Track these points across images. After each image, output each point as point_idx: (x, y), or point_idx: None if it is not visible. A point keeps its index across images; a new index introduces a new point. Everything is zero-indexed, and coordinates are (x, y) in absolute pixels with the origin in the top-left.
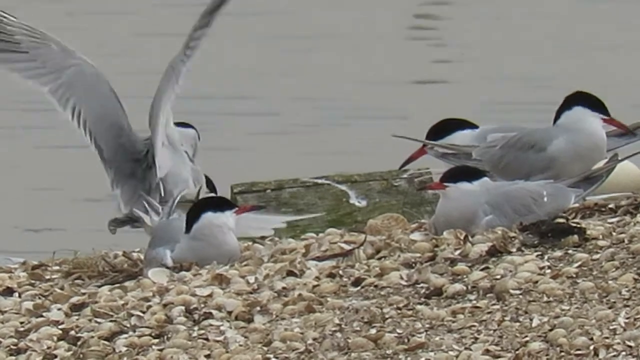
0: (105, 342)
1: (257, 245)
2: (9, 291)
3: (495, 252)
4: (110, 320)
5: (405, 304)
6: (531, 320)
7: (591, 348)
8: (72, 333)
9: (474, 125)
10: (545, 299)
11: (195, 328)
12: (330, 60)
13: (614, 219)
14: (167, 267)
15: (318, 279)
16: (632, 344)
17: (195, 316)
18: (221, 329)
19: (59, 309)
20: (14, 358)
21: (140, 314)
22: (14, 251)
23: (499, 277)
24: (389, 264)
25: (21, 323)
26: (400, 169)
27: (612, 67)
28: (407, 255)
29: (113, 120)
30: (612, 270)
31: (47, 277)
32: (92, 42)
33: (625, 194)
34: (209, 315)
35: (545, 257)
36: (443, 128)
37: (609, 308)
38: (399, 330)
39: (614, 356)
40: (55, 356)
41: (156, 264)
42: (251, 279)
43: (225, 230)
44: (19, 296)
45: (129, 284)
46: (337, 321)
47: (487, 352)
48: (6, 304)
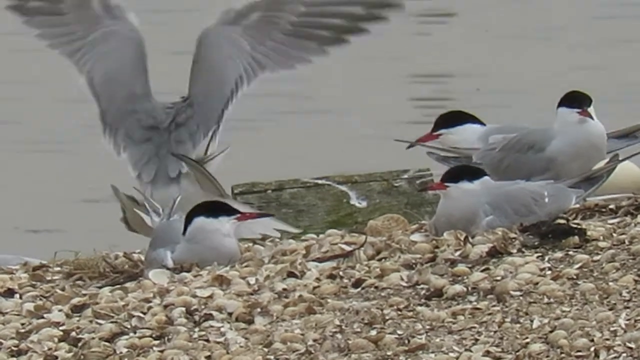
0: (106, 344)
1: (258, 247)
2: (10, 292)
3: (495, 253)
4: (111, 322)
5: (406, 305)
6: (532, 321)
7: (592, 349)
8: (73, 334)
9: (481, 122)
10: (546, 300)
11: (196, 329)
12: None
13: (615, 220)
14: (168, 269)
15: (318, 280)
16: (633, 345)
17: (196, 317)
18: (222, 330)
19: (60, 310)
20: (15, 359)
21: (141, 315)
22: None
23: (499, 279)
24: (389, 265)
25: (22, 324)
26: (409, 148)
27: None
28: (408, 256)
29: (125, 85)
30: (613, 272)
31: (48, 279)
32: None
33: (625, 194)
34: (209, 317)
35: (546, 258)
36: (454, 118)
37: (610, 309)
38: (400, 332)
39: (615, 358)
40: (56, 357)
41: (157, 265)
42: (252, 280)
43: (219, 235)
44: (20, 297)
45: (129, 285)
46: (338, 322)
47: (488, 354)
48: (7, 305)
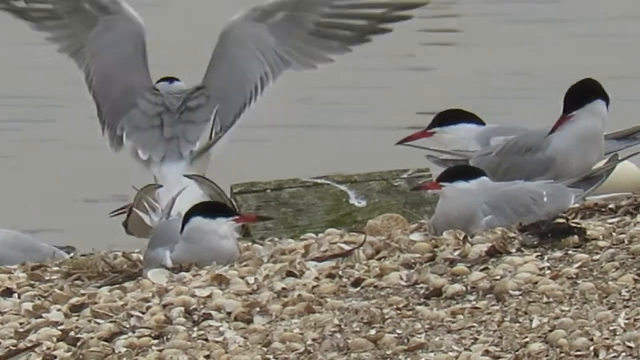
0: (105, 343)
1: (257, 246)
2: (8, 292)
3: (494, 253)
4: (110, 321)
5: (405, 305)
6: (531, 320)
7: (591, 349)
8: (72, 334)
9: (481, 121)
10: (545, 299)
11: (195, 329)
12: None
13: (614, 220)
14: (167, 268)
15: (318, 279)
16: (632, 344)
17: (195, 317)
18: (220, 329)
19: (59, 310)
20: (13, 359)
21: (140, 315)
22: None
23: (498, 278)
24: (388, 265)
25: (21, 324)
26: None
27: None
28: (407, 255)
29: (122, 80)
30: (612, 271)
31: (47, 278)
32: None
33: (625, 194)
34: (208, 316)
35: (545, 258)
36: (450, 117)
37: (609, 309)
38: (399, 331)
39: (614, 357)
40: (55, 357)
41: (155, 264)
42: (251, 280)
43: (215, 236)
44: (19, 297)
45: (128, 284)
46: (337, 322)
47: (487, 353)
48: (6, 304)
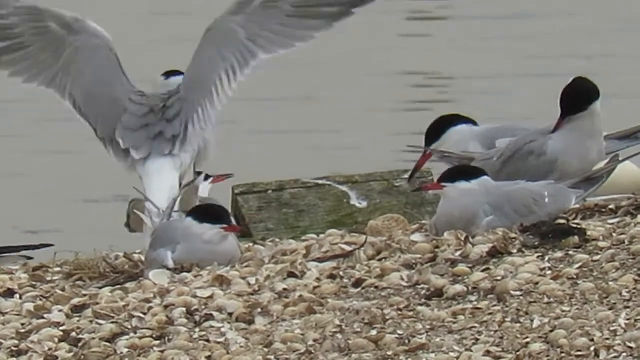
0: (106, 344)
1: (258, 247)
2: (9, 292)
3: (495, 253)
4: (111, 322)
5: (406, 305)
6: (532, 321)
7: (592, 349)
8: (73, 334)
9: (468, 120)
10: (546, 299)
11: (196, 329)
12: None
13: (614, 220)
14: (168, 269)
15: (319, 280)
16: (633, 344)
17: (196, 317)
18: (222, 330)
19: (60, 310)
20: (14, 359)
21: (141, 315)
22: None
23: (499, 278)
24: (389, 265)
25: (22, 324)
26: (410, 180)
27: None
28: (408, 256)
29: (107, 95)
30: (613, 271)
31: (48, 279)
32: None
33: (625, 194)
34: (209, 317)
35: (546, 258)
36: (438, 128)
37: (610, 309)
38: (400, 331)
39: (615, 357)
40: (56, 357)
41: (157, 265)
42: (252, 280)
43: (199, 240)
44: (20, 297)
45: (129, 285)
46: (338, 322)
47: (488, 353)
48: (7, 305)
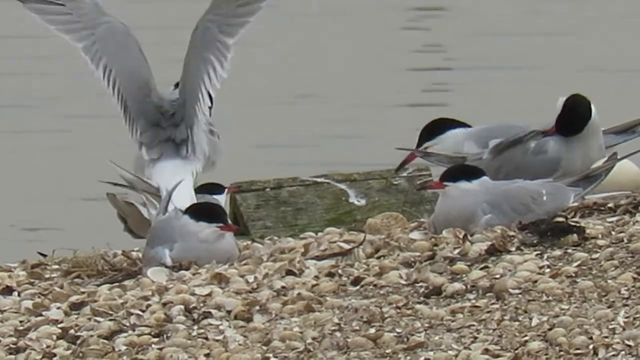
0: (105, 341)
1: (256, 245)
2: (8, 290)
3: (494, 251)
4: (110, 319)
5: (405, 303)
6: (530, 319)
7: (590, 347)
8: (72, 332)
9: (464, 124)
10: (545, 298)
11: (195, 327)
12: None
13: (613, 218)
14: (166, 266)
15: (317, 278)
16: (632, 343)
17: (195, 315)
18: (220, 328)
19: (59, 308)
20: (13, 357)
21: (140, 313)
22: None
23: (498, 276)
24: (388, 263)
25: (20, 322)
26: (396, 173)
27: None
28: (407, 254)
29: (143, 80)
30: (612, 270)
31: (47, 276)
32: None
33: (624, 193)
34: (208, 315)
35: (545, 256)
36: (435, 128)
37: (608, 307)
38: (398, 330)
39: (613, 355)
40: (55, 355)
41: (155, 263)
42: (250, 278)
43: (194, 238)
44: (19, 295)
45: (128, 282)
46: (337, 320)
47: (487, 352)
48: (5, 302)
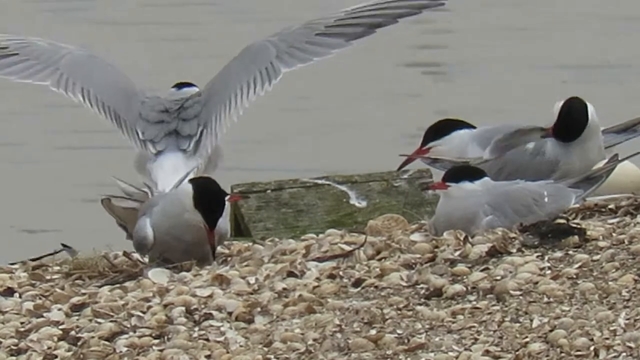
0: (106, 343)
1: (258, 246)
2: (9, 291)
3: (495, 253)
4: (111, 321)
5: (406, 305)
6: (531, 321)
7: (591, 349)
8: (73, 333)
9: (470, 125)
10: (546, 299)
11: (196, 329)
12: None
13: (614, 220)
14: (167, 268)
15: (318, 279)
16: (633, 344)
17: (196, 317)
18: (222, 329)
19: (60, 309)
20: (14, 358)
21: (141, 315)
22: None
23: (499, 278)
24: (389, 265)
25: (22, 323)
26: (399, 170)
27: None
28: (407, 256)
29: (125, 87)
30: (613, 271)
31: (48, 278)
32: None
33: (625, 194)
34: (209, 316)
35: (546, 258)
36: (441, 129)
37: (609, 309)
38: (399, 331)
39: (614, 357)
40: (56, 356)
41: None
42: (251, 280)
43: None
44: (20, 296)
45: (129, 284)
46: (338, 322)
47: (487, 353)
48: (7, 304)
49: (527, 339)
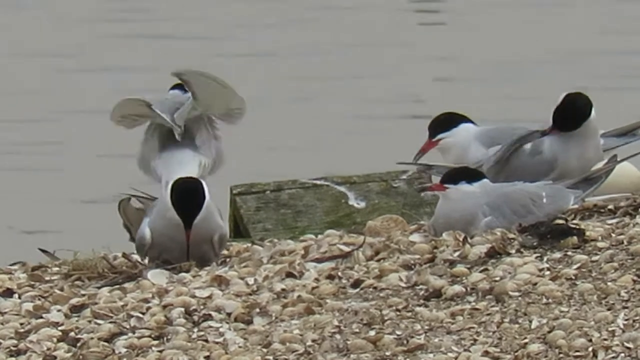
0: (105, 344)
1: (256, 247)
2: (8, 292)
3: (494, 254)
4: (110, 322)
5: (405, 306)
6: (530, 321)
7: (590, 350)
8: (72, 334)
9: (470, 120)
10: (545, 300)
11: (195, 329)
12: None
13: (613, 220)
14: (166, 269)
15: (317, 280)
16: (631, 345)
17: (195, 318)
18: (220, 330)
19: (59, 310)
20: (14, 359)
21: (140, 316)
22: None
23: (498, 279)
24: (388, 266)
25: (21, 324)
26: (415, 161)
27: None
28: (407, 256)
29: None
30: (611, 272)
31: (47, 279)
32: None
33: (624, 195)
34: (208, 317)
35: (545, 259)
36: (447, 121)
37: (608, 310)
38: (398, 332)
39: (613, 358)
40: (55, 357)
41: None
42: (250, 281)
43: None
44: (19, 297)
45: (128, 285)
46: (337, 323)
47: (486, 354)
48: (6, 305)
49: (526, 340)
